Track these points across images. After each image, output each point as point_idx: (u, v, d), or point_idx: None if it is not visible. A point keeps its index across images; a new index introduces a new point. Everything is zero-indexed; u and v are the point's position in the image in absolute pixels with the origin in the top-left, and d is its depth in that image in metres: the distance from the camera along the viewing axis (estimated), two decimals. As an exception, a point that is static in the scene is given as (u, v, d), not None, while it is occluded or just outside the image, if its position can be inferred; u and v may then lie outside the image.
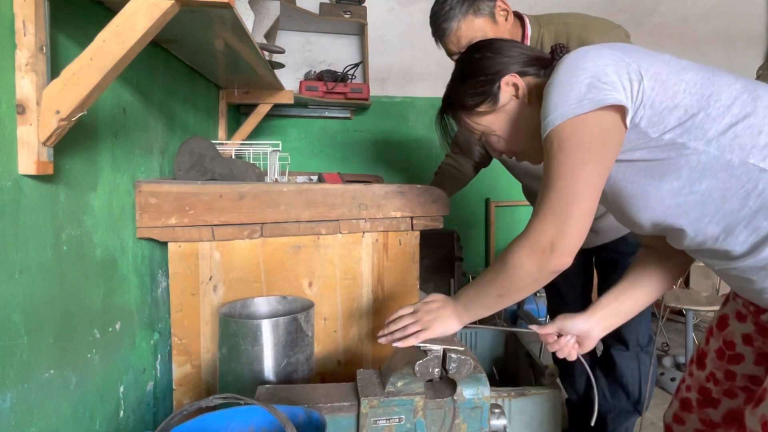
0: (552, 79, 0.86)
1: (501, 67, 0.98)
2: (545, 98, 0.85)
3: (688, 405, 1.10)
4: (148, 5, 0.83)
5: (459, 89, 1.02)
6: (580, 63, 0.84)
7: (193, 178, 1.46)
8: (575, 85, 0.82)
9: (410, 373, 0.99)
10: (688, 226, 0.86)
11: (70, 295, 0.99)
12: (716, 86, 0.83)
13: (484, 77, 0.98)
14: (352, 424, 0.99)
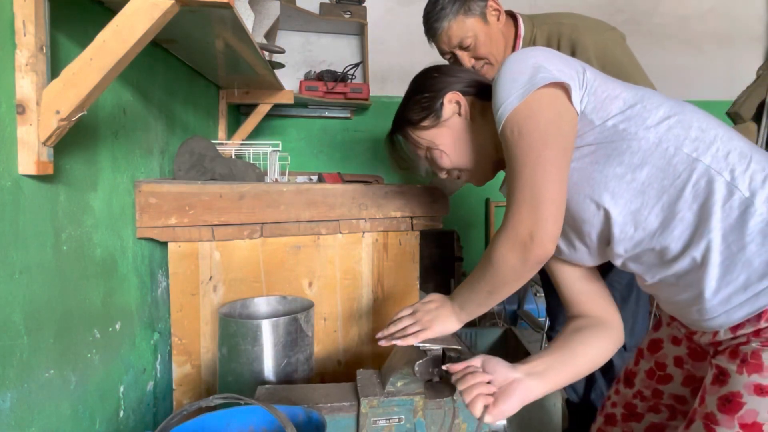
0: (498, 73, 0.88)
1: (444, 85, 1.04)
2: (495, 91, 0.88)
3: (613, 420, 1.14)
4: (148, 5, 0.83)
5: (406, 106, 1.08)
6: (525, 54, 0.89)
7: (193, 178, 1.46)
8: (523, 71, 0.85)
9: (410, 373, 0.99)
10: (629, 218, 0.86)
11: (70, 295, 0.99)
12: (645, 91, 0.91)
13: (429, 93, 1.04)
14: (352, 424, 0.99)
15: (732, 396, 0.83)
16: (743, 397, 0.82)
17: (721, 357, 0.88)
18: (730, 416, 0.82)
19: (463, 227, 3.13)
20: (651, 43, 3.38)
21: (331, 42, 3.10)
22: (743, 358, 0.83)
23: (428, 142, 1.05)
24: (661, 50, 3.41)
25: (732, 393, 0.83)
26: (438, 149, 1.04)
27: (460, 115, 1.03)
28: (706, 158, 0.82)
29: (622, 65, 1.45)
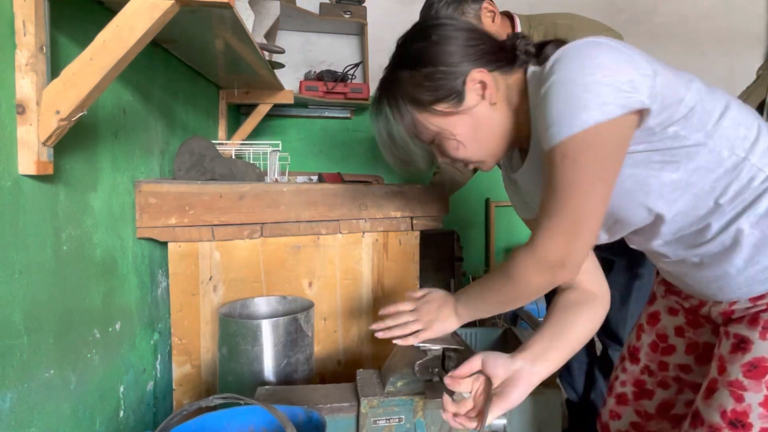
0: (558, 76, 0.74)
1: (467, 57, 0.84)
2: (550, 97, 0.74)
3: (624, 399, 1.13)
4: (148, 5, 0.83)
5: (410, 77, 0.86)
6: (594, 59, 0.73)
7: (193, 178, 1.46)
8: (590, 87, 0.72)
9: (410, 373, 0.99)
10: (679, 217, 0.85)
11: (70, 295, 0.99)
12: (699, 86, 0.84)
13: (444, 68, 0.84)
14: (351, 424, 0.99)
15: (757, 362, 0.85)
16: None
17: (738, 325, 0.89)
18: (758, 381, 0.85)
19: (463, 227, 3.13)
20: (651, 43, 3.38)
21: (331, 42, 3.10)
22: (765, 325, 0.85)
23: (440, 129, 0.87)
24: (661, 50, 3.41)
25: (756, 359, 0.85)
26: (454, 139, 0.87)
27: (483, 98, 0.85)
28: (754, 157, 0.81)
29: None
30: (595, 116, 0.71)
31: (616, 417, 1.15)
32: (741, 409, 0.86)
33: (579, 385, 1.90)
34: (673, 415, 1.09)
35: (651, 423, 1.11)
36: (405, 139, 0.90)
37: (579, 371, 1.89)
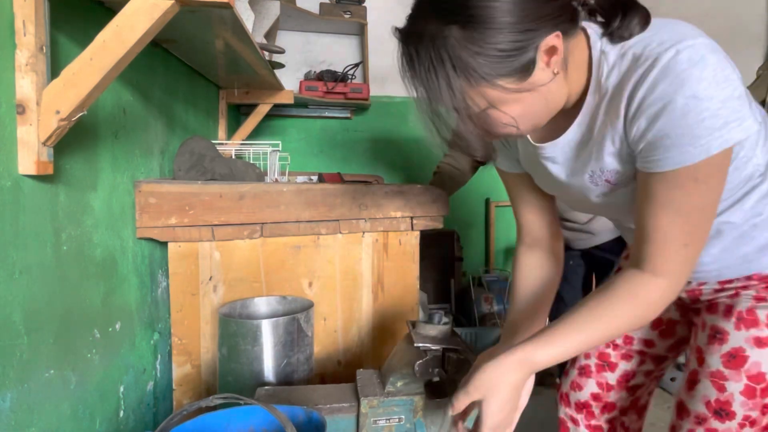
0: (689, 89, 0.65)
1: (543, 19, 0.67)
2: (672, 117, 0.66)
3: (587, 371, 1.15)
4: (148, 5, 0.83)
5: (464, 41, 0.66)
6: (722, 70, 0.66)
7: (193, 178, 1.46)
8: (729, 102, 0.66)
9: (410, 373, 0.99)
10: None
11: (70, 295, 0.99)
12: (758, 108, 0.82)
13: (516, 33, 0.66)
14: (351, 424, 0.99)
15: (735, 352, 0.88)
16: (746, 351, 0.87)
17: (713, 316, 0.92)
18: (737, 370, 0.88)
19: (463, 227, 3.13)
20: (651, 43, 3.38)
21: (331, 42, 3.10)
22: (739, 316, 0.88)
23: (492, 105, 0.71)
24: (661, 50, 3.41)
25: (734, 349, 0.88)
26: (507, 115, 0.72)
27: (548, 66, 0.70)
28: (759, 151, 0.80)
29: None
30: (736, 135, 0.66)
31: (577, 388, 1.17)
32: (724, 398, 0.89)
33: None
34: (631, 385, 1.13)
35: (610, 393, 1.14)
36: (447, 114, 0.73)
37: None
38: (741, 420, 0.89)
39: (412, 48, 0.69)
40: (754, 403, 0.88)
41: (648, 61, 0.68)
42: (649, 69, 0.67)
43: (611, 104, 0.74)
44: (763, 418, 0.90)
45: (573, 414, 1.18)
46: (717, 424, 0.90)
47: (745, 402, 0.88)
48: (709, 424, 0.91)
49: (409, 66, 0.70)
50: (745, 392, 0.88)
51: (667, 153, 0.68)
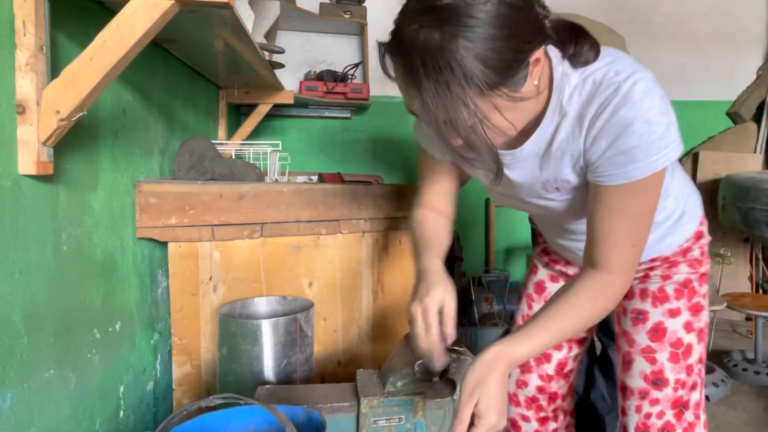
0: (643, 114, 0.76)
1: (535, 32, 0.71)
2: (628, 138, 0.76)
3: (528, 367, 1.25)
4: (148, 5, 0.83)
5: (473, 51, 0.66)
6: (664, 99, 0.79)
7: (193, 178, 1.46)
8: (671, 127, 0.79)
9: (410, 373, 0.99)
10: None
11: (70, 295, 0.99)
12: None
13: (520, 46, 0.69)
14: (351, 424, 0.99)
15: (656, 326, 1.07)
16: (665, 323, 1.07)
17: (631, 301, 1.11)
18: (661, 342, 1.07)
19: (463, 227, 3.13)
20: (651, 43, 3.38)
21: (331, 42, 3.10)
22: (653, 296, 1.08)
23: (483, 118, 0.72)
24: (661, 50, 3.41)
25: (655, 324, 1.07)
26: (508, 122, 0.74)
27: (532, 76, 0.74)
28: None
29: None
30: (674, 154, 0.80)
31: (523, 385, 1.26)
32: (657, 368, 1.07)
33: (579, 385, 1.90)
34: (566, 372, 1.26)
35: (552, 383, 1.25)
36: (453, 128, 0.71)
37: (579, 372, 1.89)
38: (674, 384, 1.06)
39: (417, 59, 0.67)
40: (680, 366, 1.06)
41: (609, 89, 0.78)
42: (611, 96, 0.77)
43: (573, 124, 0.83)
44: (689, 378, 1.07)
45: (523, 412, 1.26)
46: (657, 393, 1.07)
47: (673, 367, 1.06)
48: (651, 396, 1.07)
49: (412, 78, 0.69)
50: (671, 359, 1.06)
51: (623, 168, 0.79)
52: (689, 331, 1.07)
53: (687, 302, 1.07)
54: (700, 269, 1.09)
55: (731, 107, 3.55)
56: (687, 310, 1.07)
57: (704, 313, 1.09)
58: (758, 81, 3.51)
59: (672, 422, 1.07)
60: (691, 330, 1.07)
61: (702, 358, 1.10)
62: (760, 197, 2.76)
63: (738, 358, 2.77)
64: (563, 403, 1.30)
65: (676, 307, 1.07)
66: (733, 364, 2.72)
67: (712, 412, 2.36)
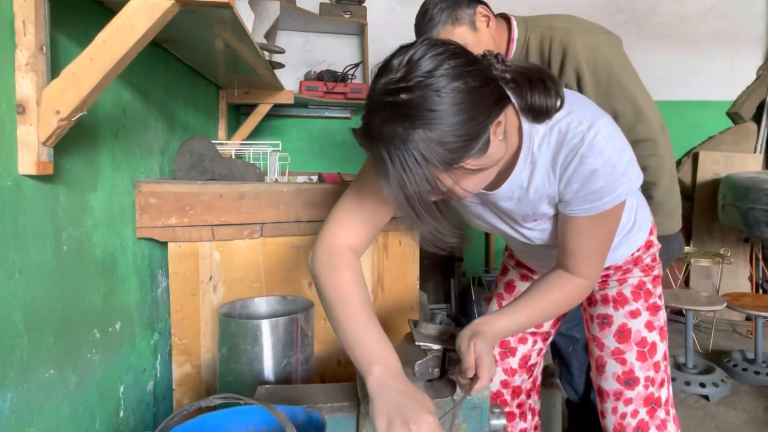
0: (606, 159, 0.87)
1: (491, 104, 0.77)
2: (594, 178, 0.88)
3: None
4: (148, 5, 0.83)
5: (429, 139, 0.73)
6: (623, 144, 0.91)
7: (193, 178, 1.46)
8: (631, 163, 0.91)
9: (410, 373, 0.99)
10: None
11: (70, 295, 0.99)
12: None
13: (479, 120, 0.75)
14: (352, 424, 0.99)
15: (621, 328, 1.16)
16: (628, 324, 1.16)
17: (595, 308, 1.20)
18: (628, 342, 1.15)
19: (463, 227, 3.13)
20: (651, 43, 3.38)
21: (331, 42, 3.10)
22: (614, 299, 1.18)
23: (456, 184, 0.79)
24: (661, 50, 3.41)
25: (620, 326, 1.16)
26: (462, 189, 0.80)
27: (495, 135, 0.80)
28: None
29: (613, 70, 1.44)
30: (635, 185, 0.93)
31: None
32: (627, 368, 1.15)
33: (579, 385, 1.90)
34: (529, 365, 1.31)
35: (515, 377, 1.30)
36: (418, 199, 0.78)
37: (579, 371, 1.89)
38: (644, 382, 1.14)
39: (384, 151, 0.75)
40: (648, 364, 1.14)
41: (575, 138, 0.87)
42: (578, 146, 0.87)
43: (547, 170, 0.92)
44: (657, 375, 1.15)
45: None
46: (629, 392, 1.14)
47: (642, 366, 1.14)
48: (625, 395, 1.15)
49: (381, 166, 0.76)
50: (639, 357, 1.14)
51: (593, 204, 0.91)
52: (651, 329, 1.16)
53: (645, 303, 1.17)
54: (653, 273, 1.19)
55: (731, 107, 3.56)
56: (646, 310, 1.16)
57: (661, 312, 1.18)
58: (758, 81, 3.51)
59: (646, 420, 1.15)
60: (653, 328, 1.16)
61: (666, 355, 1.18)
62: (760, 197, 2.76)
63: (738, 358, 2.77)
64: (528, 400, 1.34)
65: (636, 308, 1.16)
66: (733, 364, 2.72)
67: (712, 412, 2.36)
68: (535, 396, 1.36)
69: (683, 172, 3.60)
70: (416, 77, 0.73)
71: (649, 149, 1.44)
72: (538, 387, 1.38)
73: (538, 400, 1.38)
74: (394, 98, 0.74)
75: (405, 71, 0.75)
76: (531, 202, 0.98)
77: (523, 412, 1.34)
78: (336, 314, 0.90)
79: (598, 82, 1.45)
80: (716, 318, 3.28)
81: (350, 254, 0.95)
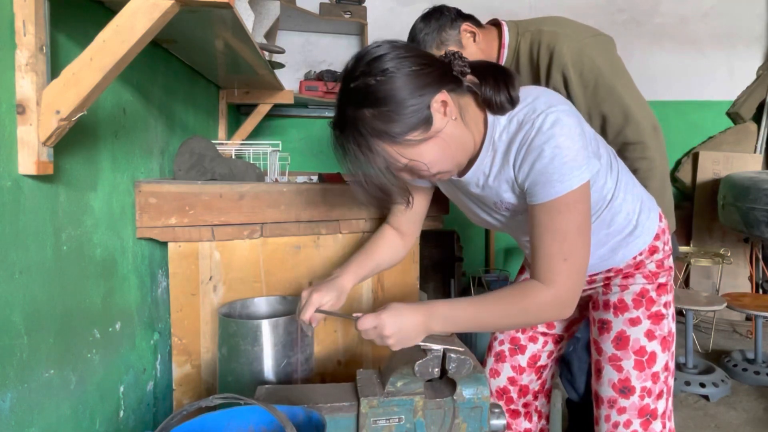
0: (556, 140, 0.90)
1: (427, 83, 0.90)
2: (545, 161, 0.90)
3: (502, 356, 1.33)
4: (148, 5, 0.83)
5: (376, 114, 0.88)
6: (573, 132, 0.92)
7: (193, 178, 1.46)
8: (575, 157, 0.91)
9: (410, 373, 0.99)
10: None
11: (70, 295, 0.99)
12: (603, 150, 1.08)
13: (411, 99, 0.88)
14: (351, 424, 0.99)
15: (619, 335, 1.14)
16: (627, 332, 1.13)
17: (597, 312, 1.19)
18: (626, 350, 1.13)
19: (463, 227, 3.13)
20: (651, 43, 3.38)
21: (331, 42, 3.10)
22: (614, 306, 1.16)
23: (410, 159, 0.91)
24: (661, 50, 3.41)
25: (618, 332, 1.14)
26: (423, 164, 0.92)
27: (445, 116, 0.92)
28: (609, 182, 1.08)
29: (600, 73, 1.43)
30: (586, 175, 0.92)
31: (495, 375, 1.33)
32: (624, 376, 1.12)
33: (579, 384, 1.90)
34: (538, 366, 1.32)
35: (523, 376, 1.31)
36: (380, 175, 0.92)
37: (580, 371, 1.89)
38: (640, 392, 1.12)
39: (338, 132, 0.92)
40: (645, 374, 1.12)
41: (527, 125, 0.93)
42: (530, 130, 0.92)
43: (504, 158, 0.98)
44: (655, 386, 1.12)
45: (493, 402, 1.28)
46: (624, 401, 1.12)
47: (639, 375, 1.12)
48: (619, 404, 1.13)
49: (340, 147, 0.93)
50: (637, 366, 1.12)
51: (544, 189, 0.92)
52: (651, 339, 1.13)
53: (646, 311, 1.14)
54: (657, 280, 1.16)
55: (731, 107, 3.56)
56: (647, 318, 1.13)
57: (666, 321, 1.15)
58: (758, 81, 3.51)
59: (638, 431, 1.12)
60: (653, 338, 1.13)
61: (668, 366, 1.15)
62: (760, 197, 2.76)
63: (738, 358, 2.77)
64: (535, 401, 1.34)
65: (636, 316, 1.14)
66: (733, 364, 2.72)
67: (712, 412, 2.36)
68: (543, 398, 1.36)
69: (683, 172, 3.60)
70: (360, 68, 0.90)
71: (638, 152, 1.43)
72: (547, 390, 1.37)
73: (546, 404, 1.37)
74: (346, 87, 0.91)
75: (353, 65, 0.92)
76: (493, 188, 1.03)
77: (529, 412, 1.34)
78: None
79: (585, 85, 1.44)
80: (716, 318, 3.28)
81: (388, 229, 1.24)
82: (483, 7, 2.77)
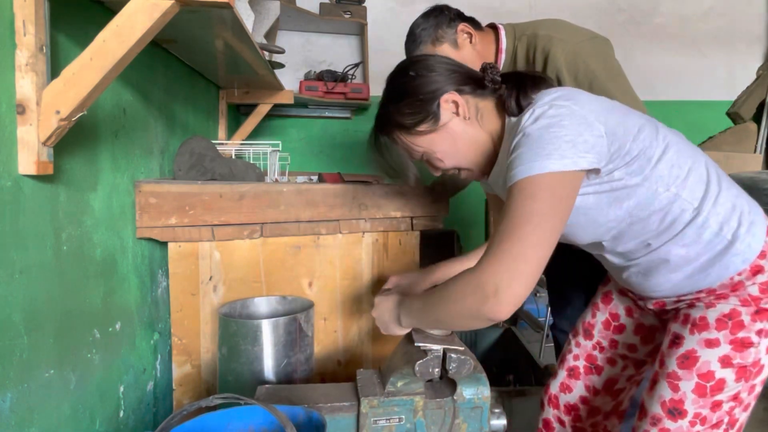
0: (531, 129, 0.88)
1: (438, 85, 1.02)
2: (522, 143, 0.88)
3: (576, 373, 1.24)
4: (148, 5, 0.83)
5: (396, 109, 1.04)
6: (561, 118, 0.88)
7: (193, 178, 1.46)
8: (554, 141, 0.86)
9: (410, 373, 0.99)
10: (614, 242, 1.02)
11: (70, 295, 0.99)
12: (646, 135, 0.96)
13: (422, 96, 1.01)
14: (352, 424, 0.99)
15: (689, 353, 1.00)
16: (698, 352, 0.99)
17: (674, 324, 1.05)
18: (689, 370, 0.99)
19: (463, 227, 3.13)
20: (651, 43, 3.38)
21: (331, 42, 3.10)
22: (693, 322, 1.01)
23: (424, 148, 1.05)
24: (661, 50, 3.41)
25: (688, 351, 1.00)
26: (436, 155, 1.05)
27: (457, 115, 1.02)
28: (684, 192, 0.96)
29: (594, 76, 1.42)
30: (554, 165, 0.85)
31: (567, 390, 1.25)
32: (677, 397, 0.99)
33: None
34: (615, 390, 1.23)
35: (597, 398, 1.23)
36: (399, 156, 1.10)
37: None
38: (692, 418, 0.98)
39: (375, 127, 1.11)
40: (705, 401, 0.98)
41: (525, 115, 0.93)
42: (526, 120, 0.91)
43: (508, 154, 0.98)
44: (713, 415, 0.99)
45: (561, 416, 1.24)
46: (669, 423, 0.99)
47: (696, 400, 0.98)
48: (663, 424, 1.00)
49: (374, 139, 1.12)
50: (696, 390, 0.98)
51: (512, 171, 0.88)
52: (726, 365, 0.97)
53: (729, 335, 0.97)
54: (760, 304, 0.98)
55: (731, 107, 3.55)
56: (728, 343, 0.97)
57: (753, 350, 0.97)
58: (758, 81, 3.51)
59: None
60: (729, 365, 0.97)
61: (739, 397, 1.00)
62: (760, 197, 2.76)
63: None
64: (605, 421, 1.24)
65: (715, 338, 0.98)
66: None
67: (712, 412, 2.35)
68: (614, 419, 1.25)
69: (683, 172, 3.60)
70: (393, 72, 1.09)
71: None
72: (622, 412, 1.26)
73: (617, 424, 1.25)
74: (386, 86, 1.09)
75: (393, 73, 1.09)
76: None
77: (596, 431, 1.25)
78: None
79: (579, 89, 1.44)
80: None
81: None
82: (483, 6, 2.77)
